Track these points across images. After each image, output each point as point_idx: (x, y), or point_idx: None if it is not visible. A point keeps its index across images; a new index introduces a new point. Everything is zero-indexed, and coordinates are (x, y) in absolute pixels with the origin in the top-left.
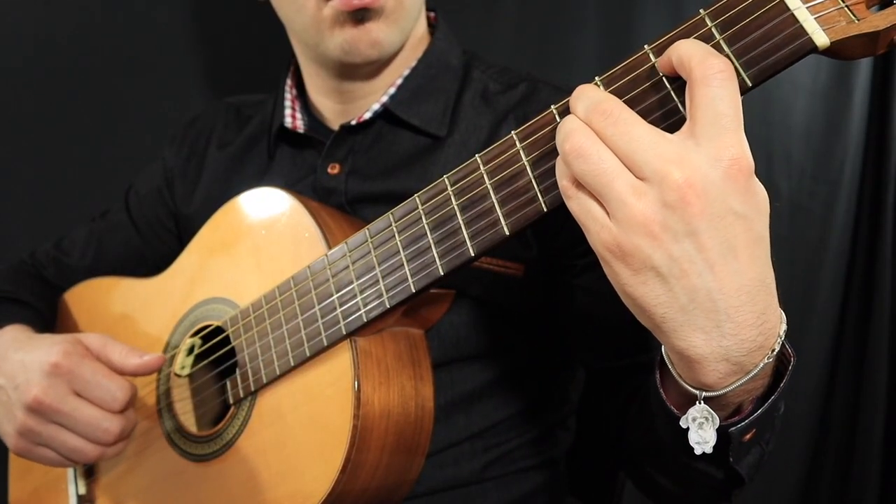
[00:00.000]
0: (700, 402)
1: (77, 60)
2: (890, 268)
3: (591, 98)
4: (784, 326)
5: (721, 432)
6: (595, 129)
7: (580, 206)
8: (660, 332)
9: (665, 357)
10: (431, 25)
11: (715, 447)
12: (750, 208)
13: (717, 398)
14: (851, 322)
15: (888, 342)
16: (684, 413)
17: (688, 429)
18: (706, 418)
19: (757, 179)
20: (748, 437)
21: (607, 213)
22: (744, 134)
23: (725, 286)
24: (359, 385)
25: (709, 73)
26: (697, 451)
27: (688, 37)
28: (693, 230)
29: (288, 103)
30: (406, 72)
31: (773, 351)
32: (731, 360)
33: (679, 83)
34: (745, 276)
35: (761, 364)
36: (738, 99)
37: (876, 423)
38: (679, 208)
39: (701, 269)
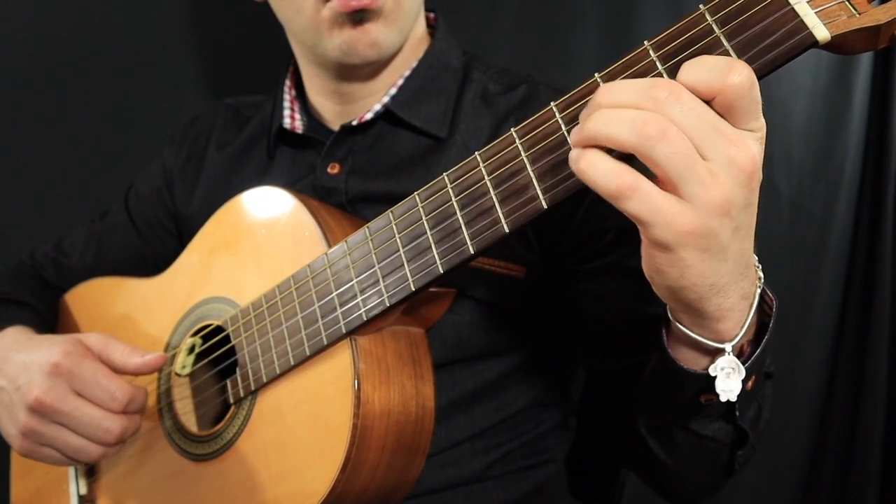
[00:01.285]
0: (728, 354)
1: (77, 60)
2: (890, 268)
3: (640, 82)
4: (755, 256)
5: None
6: (659, 107)
7: (643, 204)
8: (699, 300)
9: (677, 326)
10: (431, 26)
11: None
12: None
13: (736, 343)
14: (851, 322)
15: (888, 342)
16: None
17: (715, 377)
18: (733, 368)
19: None
20: (750, 384)
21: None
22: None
23: (751, 240)
24: (359, 384)
25: (741, 88)
26: (723, 399)
27: (688, 32)
28: (750, 202)
29: (287, 104)
30: (406, 72)
31: (761, 280)
32: (745, 296)
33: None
34: (754, 223)
35: (757, 293)
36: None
37: (876, 423)
38: (746, 186)
39: (744, 234)
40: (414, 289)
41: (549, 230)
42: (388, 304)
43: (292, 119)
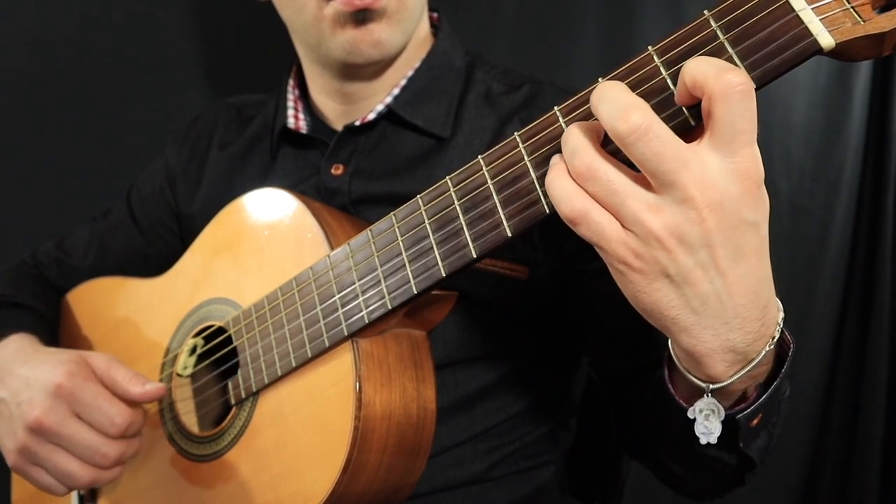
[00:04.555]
0: (707, 395)
1: (77, 60)
2: (890, 268)
3: (617, 103)
4: (782, 314)
5: (729, 419)
6: (622, 143)
7: (590, 231)
8: (668, 332)
9: (672, 352)
10: (434, 26)
11: (724, 434)
12: (760, 215)
13: (723, 388)
14: (851, 322)
15: (888, 342)
16: (692, 404)
17: (694, 419)
18: (712, 410)
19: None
20: (755, 422)
21: (621, 226)
22: (756, 144)
23: (734, 288)
24: (360, 386)
25: (728, 89)
26: (703, 441)
27: (692, 37)
28: (709, 243)
29: (290, 104)
30: (409, 73)
31: (774, 338)
32: (737, 351)
33: None
34: (752, 277)
35: (763, 351)
36: (755, 112)
37: (876, 423)
38: (697, 225)
39: (713, 276)
40: (416, 291)
41: (554, 231)
42: (389, 307)
43: (296, 119)
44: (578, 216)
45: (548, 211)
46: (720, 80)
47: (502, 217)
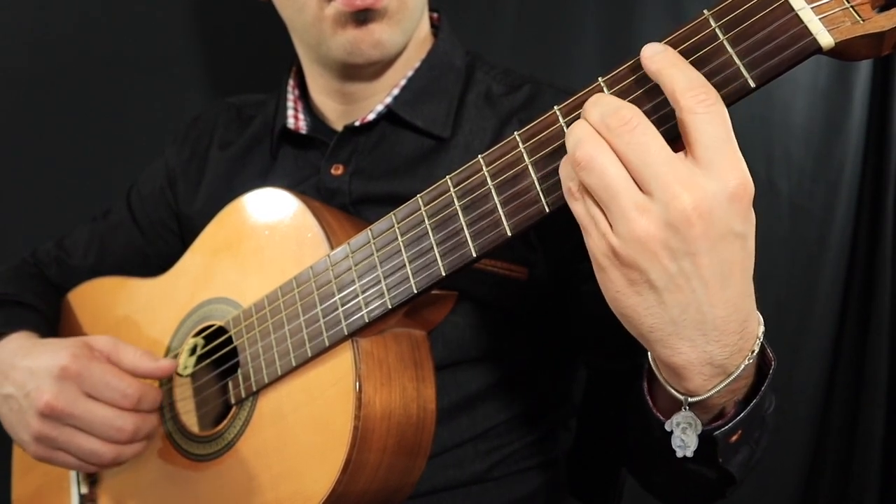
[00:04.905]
0: (685, 409)
1: (77, 60)
2: (890, 268)
3: (609, 104)
4: (762, 328)
5: (707, 435)
6: (610, 134)
7: (584, 210)
8: (646, 341)
9: (652, 363)
10: (434, 26)
11: (703, 448)
12: (748, 228)
13: (702, 402)
14: (851, 322)
15: (888, 342)
16: (671, 417)
17: (671, 432)
18: (689, 424)
19: None
20: (735, 438)
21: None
22: (740, 153)
23: (715, 300)
24: (360, 386)
25: (692, 103)
26: (679, 454)
27: (692, 37)
28: (694, 251)
29: (290, 104)
30: (410, 73)
31: (753, 352)
32: (714, 364)
33: None
34: (734, 290)
35: (742, 365)
36: (727, 120)
37: (876, 423)
38: (683, 230)
39: (696, 286)
40: (416, 291)
41: (553, 231)
42: (389, 306)
43: (296, 119)
44: (578, 191)
45: (547, 210)
46: (684, 95)
47: (502, 216)
